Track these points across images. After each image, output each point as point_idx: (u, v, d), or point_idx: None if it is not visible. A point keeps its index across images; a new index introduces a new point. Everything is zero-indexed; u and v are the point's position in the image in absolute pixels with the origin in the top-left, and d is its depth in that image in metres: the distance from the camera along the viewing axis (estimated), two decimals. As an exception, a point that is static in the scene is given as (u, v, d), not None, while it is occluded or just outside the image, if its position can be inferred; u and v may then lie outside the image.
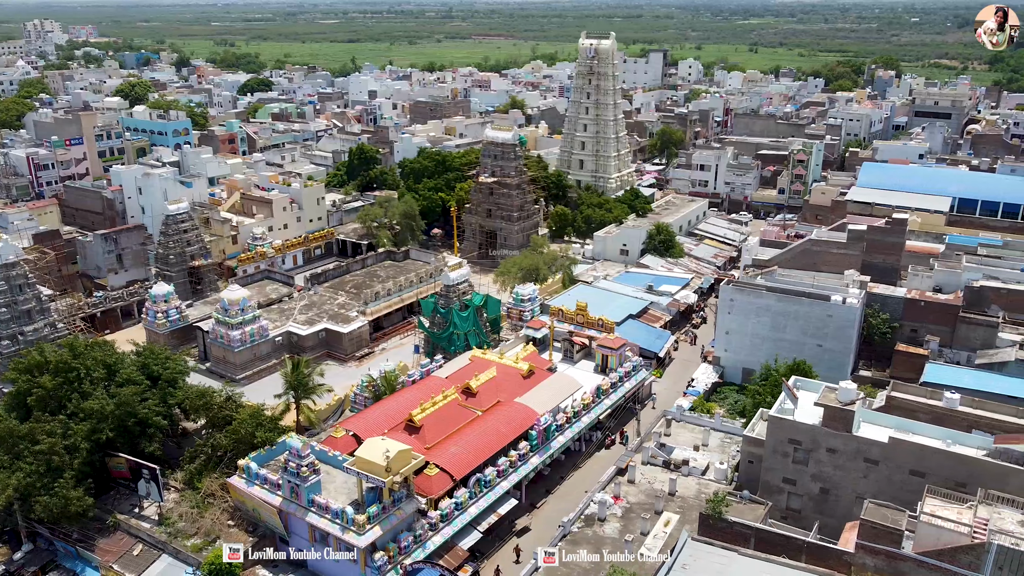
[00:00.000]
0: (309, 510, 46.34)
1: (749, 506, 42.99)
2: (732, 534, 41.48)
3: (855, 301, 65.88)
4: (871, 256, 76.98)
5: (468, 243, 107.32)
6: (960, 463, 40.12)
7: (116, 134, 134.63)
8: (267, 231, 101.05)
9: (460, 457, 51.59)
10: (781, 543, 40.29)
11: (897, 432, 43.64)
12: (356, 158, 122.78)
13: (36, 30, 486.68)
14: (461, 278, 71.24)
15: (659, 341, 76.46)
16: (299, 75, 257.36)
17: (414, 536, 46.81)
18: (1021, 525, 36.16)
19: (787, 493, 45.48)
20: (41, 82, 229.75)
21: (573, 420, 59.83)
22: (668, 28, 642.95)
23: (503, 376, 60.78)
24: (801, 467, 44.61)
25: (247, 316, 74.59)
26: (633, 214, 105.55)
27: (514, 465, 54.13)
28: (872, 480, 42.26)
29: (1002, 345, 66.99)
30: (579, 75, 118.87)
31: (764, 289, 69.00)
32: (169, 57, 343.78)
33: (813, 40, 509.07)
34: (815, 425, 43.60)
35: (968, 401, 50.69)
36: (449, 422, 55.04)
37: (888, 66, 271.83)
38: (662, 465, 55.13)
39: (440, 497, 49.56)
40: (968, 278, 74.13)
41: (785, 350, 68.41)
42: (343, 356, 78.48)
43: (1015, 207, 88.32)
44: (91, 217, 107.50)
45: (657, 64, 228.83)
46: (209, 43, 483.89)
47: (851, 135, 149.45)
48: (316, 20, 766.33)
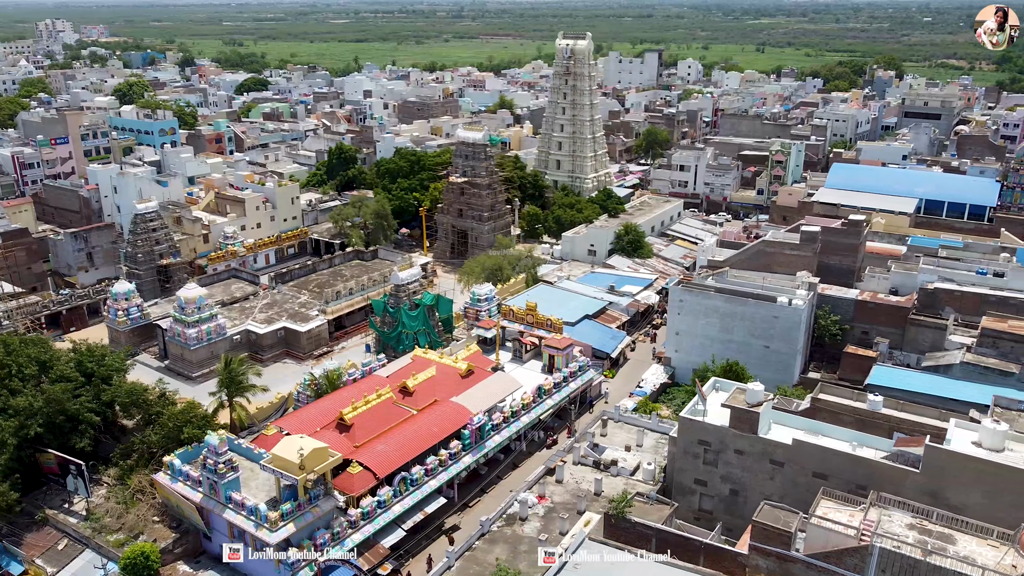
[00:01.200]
0: (227, 507, 46.86)
1: (655, 507, 43.05)
2: (635, 535, 41.61)
3: (801, 302, 65.67)
4: (828, 258, 76.76)
5: (440, 243, 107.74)
6: (860, 465, 40.06)
7: (102, 133, 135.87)
8: (239, 230, 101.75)
9: (385, 455, 51.94)
10: (681, 544, 40.38)
11: (806, 434, 43.61)
12: (335, 158, 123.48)
13: (48, 29, 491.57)
14: (411, 278, 71.64)
15: (613, 342, 76.51)
16: (298, 75, 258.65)
17: (332, 534, 47.16)
18: (909, 528, 36.08)
19: (699, 494, 45.54)
20: (42, 81, 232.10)
21: (511, 420, 60.05)
22: (678, 28, 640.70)
23: (442, 375, 61.10)
24: (711, 468, 44.67)
25: (203, 314, 75.18)
26: (605, 214, 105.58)
27: (444, 464, 54.40)
28: (778, 482, 42.27)
29: (951, 348, 66.69)
30: (556, 75, 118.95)
31: (712, 290, 68.91)
32: (174, 57, 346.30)
33: (822, 40, 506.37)
34: (723, 426, 43.64)
35: (893, 404, 50.60)
36: (381, 421, 55.41)
37: (890, 66, 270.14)
38: (592, 465, 55.23)
39: (362, 495, 49.93)
40: (923, 280, 73.90)
41: (733, 351, 68.47)
42: (301, 355, 79.00)
43: (981, 209, 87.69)
44: (69, 215, 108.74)
45: (652, 64, 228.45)
46: (218, 43, 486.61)
47: (837, 136, 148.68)
48: (327, 20, 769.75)
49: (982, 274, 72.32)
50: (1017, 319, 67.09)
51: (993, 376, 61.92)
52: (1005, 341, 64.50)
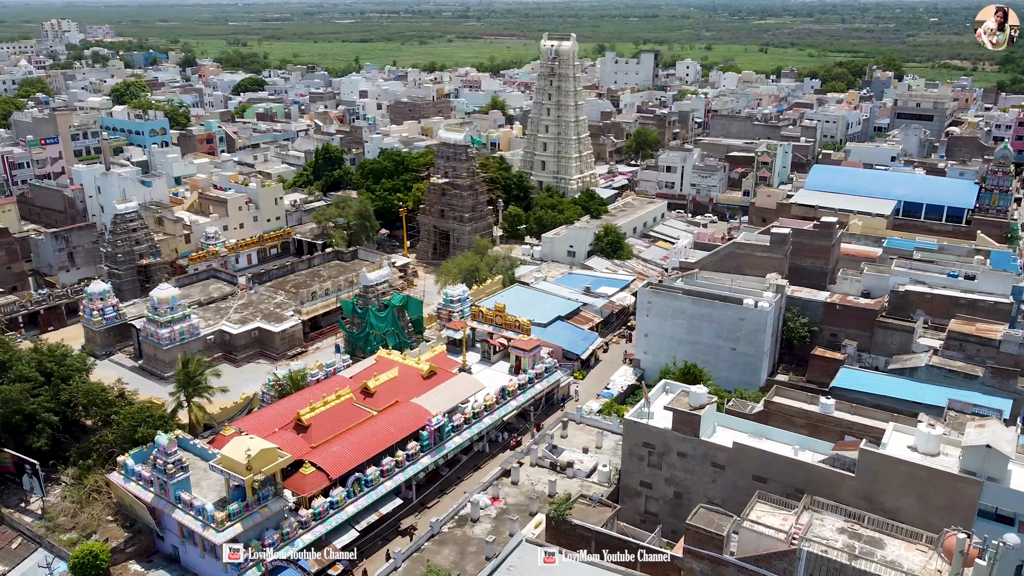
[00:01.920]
0: (176, 507, 47.12)
1: (598, 509, 43.11)
2: (576, 537, 41.70)
3: (767, 305, 65.59)
4: (801, 260, 76.66)
5: (423, 244, 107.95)
6: (798, 469, 40.02)
7: (93, 133, 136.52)
8: (222, 230, 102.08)
9: (339, 456, 52.10)
10: (619, 546, 40.41)
11: (750, 438, 43.60)
12: (321, 158, 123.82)
13: (53, 29, 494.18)
14: (380, 279, 71.84)
15: (584, 343, 76.55)
16: (296, 75, 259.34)
17: (281, 534, 47.34)
18: (840, 532, 36.03)
19: (644, 496, 45.56)
20: (42, 81, 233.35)
21: (472, 421, 60.16)
22: (683, 28, 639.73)
23: (404, 377, 61.25)
24: (656, 471, 44.69)
25: (176, 314, 75.41)
26: (587, 215, 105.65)
27: (401, 465, 54.54)
28: (720, 485, 42.25)
29: (919, 350, 66.53)
30: (541, 76, 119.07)
31: (680, 292, 68.89)
32: (176, 57, 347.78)
33: (826, 40, 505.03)
34: (666, 429, 43.65)
35: (846, 407, 50.55)
36: (339, 421, 55.57)
37: (889, 67, 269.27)
38: (549, 467, 55.28)
39: (314, 496, 50.12)
40: (895, 282, 73.74)
41: (701, 353, 68.50)
42: (275, 355, 79.16)
43: (959, 211, 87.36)
44: (54, 215, 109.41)
45: (648, 65, 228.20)
46: (222, 43, 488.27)
47: (827, 137, 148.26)
48: (332, 20, 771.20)
49: (953, 277, 72.08)
50: (985, 322, 66.92)
51: (958, 379, 61.73)
52: (972, 344, 64.35)
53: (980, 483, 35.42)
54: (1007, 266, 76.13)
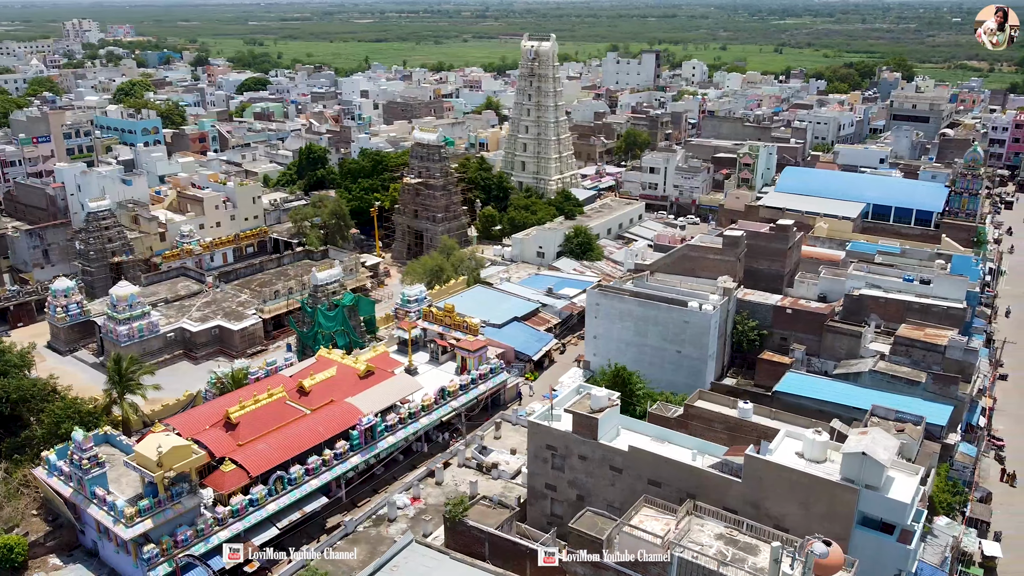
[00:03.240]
0: (92, 502, 47.74)
1: (497, 511, 43.15)
2: (472, 538, 41.79)
3: (711, 308, 65.17)
4: (757, 262, 76.04)
5: (398, 243, 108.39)
6: (689, 474, 39.77)
7: (85, 132, 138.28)
8: (198, 229, 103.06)
9: (261, 454, 52.49)
10: (509, 549, 40.47)
11: (652, 441, 43.42)
12: (305, 158, 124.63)
13: (74, 28, 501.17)
14: (330, 279, 72.24)
15: (537, 344, 76.52)
16: (302, 75, 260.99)
17: (195, 531, 47.83)
18: (717, 538, 35.82)
19: (550, 499, 45.49)
20: (51, 80, 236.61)
21: (409, 421, 60.37)
22: (700, 28, 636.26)
23: (341, 376, 61.58)
24: (559, 473, 44.60)
25: (135, 312, 76.47)
26: (561, 216, 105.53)
27: (328, 463, 54.86)
28: (618, 488, 42.10)
29: (867, 355, 65.84)
30: (521, 77, 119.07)
31: (626, 294, 68.66)
32: (191, 56, 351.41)
33: (844, 41, 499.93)
34: (567, 432, 43.57)
35: (765, 412, 50.16)
36: (269, 420, 55.97)
37: (899, 67, 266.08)
38: (476, 468, 55.39)
39: (233, 493, 50.55)
40: (851, 286, 72.99)
41: (648, 355, 68.38)
42: (234, 353, 79.85)
43: (928, 214, 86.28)
44: (37, 213, 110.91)
45: (650, 65, 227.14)
46: (239, 42, 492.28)
47: (819, 139, 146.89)
48: (351, 20, 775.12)
49: (909, 281, 71.15)
50: (935, 327, 66.07)
51: (901, 385, 61.06)
52: (918, 349, 63.60)
53: (857, 491, 35.03)
54: (968, 271, 75.06)
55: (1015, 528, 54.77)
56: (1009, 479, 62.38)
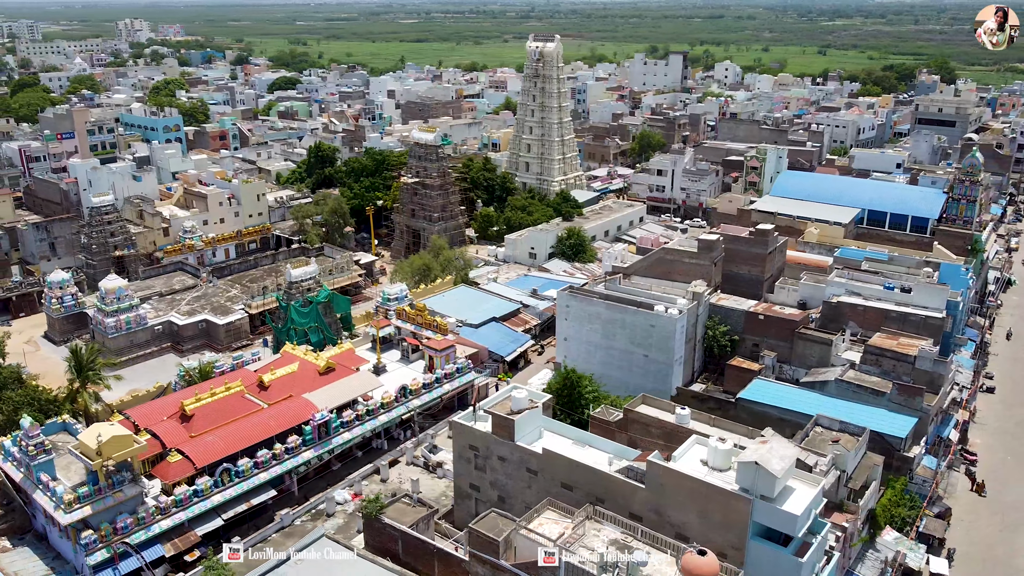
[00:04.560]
0: (37, 487, 49.19)
1: (416, 509, 43.42)
2: (387, 536, 42.15)
3: (676, 312, 64.52)
4: (736, 267, 75.07)
5: (397, 242, 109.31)
6: (598, 478, 39.50)
7: (108, 129, 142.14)
8: (201, 225, 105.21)
9: (209, 446, 53.45)
10: (419, 547, 40.72)
11: (573, 445, 43.23)
12: (313, 156, 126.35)
13: (127, 28, 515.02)
14: (304, 276, 73.24)
15: (512, 344, 76.58)
16: (335, 74, 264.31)
17: (136, 519, 48.97)
18: (611, 543, 35.54)
19: (474, 499, 45.58)
20: (92, 79, 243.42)
21: (367, 418, 60.93)
22: (745, 29, 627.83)
23: (302, 372, 62.34)
24: (482, 474, 44.67)
25: (123, 304, 78.56)
26: (559, 217, 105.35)
27: (278, 458, 55.68)
28: (535, 490, 41.98)
29: (838, 363, 64.61)
30: (526, 77, 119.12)
31: (595, 297, 68.35)
32: (232, 55, 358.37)
33: (893, 42, 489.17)
34: (487, 433, 43.63)
35: (706, 418, 49.60)
36: (224, 413, 56.95)
37: (941, 70, 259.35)
38: (422, 466, 55.73)
39: (178, 483, 51.64)
40: (831, 293, 71.66)
41: (616, 358, 68.06)
42: (220, 347, 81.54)
43: (924, 220, 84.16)
44: (52, 207, 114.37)
45: (677, 66, 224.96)
46: (283, 42, 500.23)
47: (837, 142, 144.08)
48: (396, 20, 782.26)
49: (889, 289, 69.56)
50: (910, 336, 64.54)
51: (866, 395, 59.84)
52: (888, 359, 62.19)
53: (751, 500, 34.45)
54: (956, 279, 73.12)
55: (971, 545, 53.26)
56: (978, 488, 60.70)
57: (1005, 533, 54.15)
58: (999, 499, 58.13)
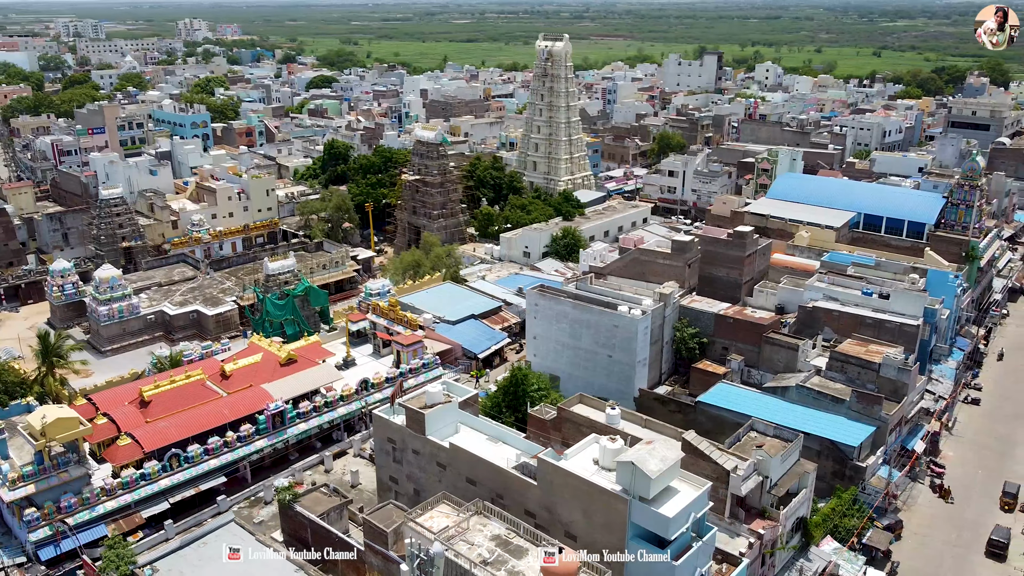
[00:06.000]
0: (-14, 466, 51.29)
1: (331, 499, 44.03)
2: (298, 524, 42.89)
3: (639, 313, 63.95)
4: (714, 269, 74.05)
5: (399, 238, 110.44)
6: (497, 475, 39.51)
7: (138, 124, 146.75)
8: (210, 218, 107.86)
9: (160, 431, 54.96)
10: (325, 536, 41.33)
11: (487, 441, 43.31)
12: (328, 153, 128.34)
13: (186, 27, 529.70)
14: (281, 269, 74.61)
15: (488, 342, 76.77)
16: (373, 73, 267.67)
17: (81, 499, 50.67)
18: (493, 539, 35.61)
19: (394, 492, 45.98)
20: (139, 76, 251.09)
21: (325, 409, 61.87)
22: (802, 30, 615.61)
23: (264, 363, 63.62)
24: (399, 466, 45.06)
25: (116, 293, 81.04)
26: (559, 217, 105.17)
27: (230, 445, 56.93)
28: (445, 484, 42.09)
29: (805, 369, 63.34)
30: (535, 77, 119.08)
31: (563, 296, 68.16)
32: (281, 55, 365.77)
33: (953, 44, 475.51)
34: (402, 426, 43.99)
35: (638, 419, 49.21)
36: (182, 400, 58.50)
37: (994, 72, 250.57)
38: (367, 458, 56.37)
39: (127, 466, 53.24)
40: (809, 297, 70.26)
41: (582, 358, 67.84)
42: (209, 337, 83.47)
43: (920, 226, 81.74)
44: (74, 199, 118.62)
45: (711, 67, 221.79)
46: (335, 41, 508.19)
47: (860, 144, 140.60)
48: (450, 20, 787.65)
49: (867, 295, 67.83)
50: (883, 344, 62.87)
51: (825, 402, 58.57)
52: (853, 366, 60.74)
53: (626, 501, 34.10)
54: (943, 287, 70.92)
55: (919, 560, 51.63)
56: (944, 494, 58.87)
57: (958, 550, 52.33)
58: (960, 515, 56.18)
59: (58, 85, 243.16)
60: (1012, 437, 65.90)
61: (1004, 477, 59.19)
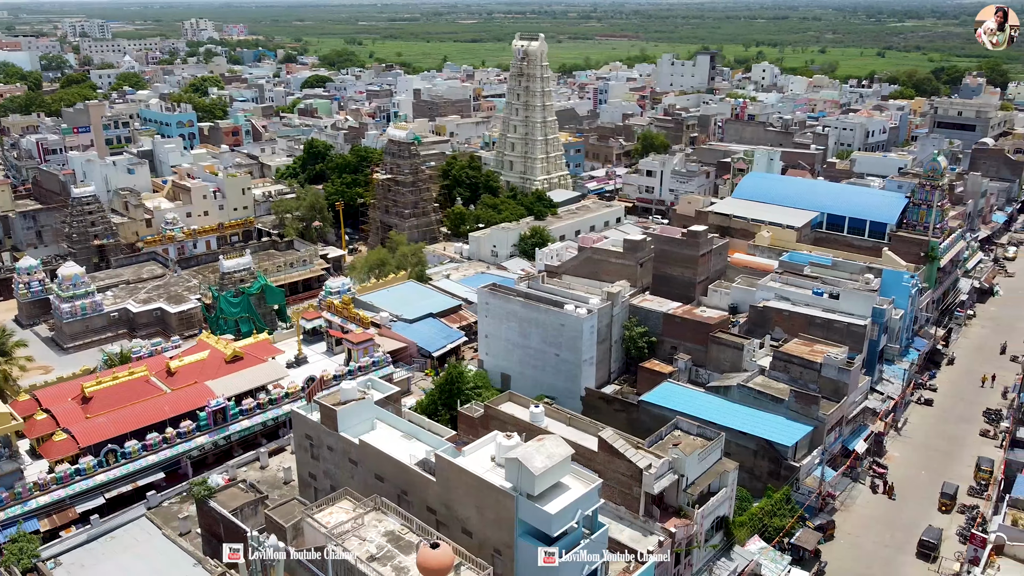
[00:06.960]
0: (-76, 459, 51.80)
1: (247, 495, 44.26)
2: (212, 519, 43.14)
3: (585, 312, 63.95)
4: (668, 268, 73.95)
5: (372, 237, 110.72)
6: (400, 471, 39.63)
7: (124, 124, 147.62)
8: (184, 217, 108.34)
9: (96, 427, 55.33)
10: (236, 530, 41.55)
11: (401, 438, 43.45)
12: (307, 152, 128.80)
13: (192, 27, 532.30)
14: (237, 267, 74.99)
15: (443, 341, 76.85)
16: (369, 73, 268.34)
17: (13, 493, 51.08)
18: (384, 535, 35.80)
19: (313, 488, 46.19)
20: (137, 76, 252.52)
21: (268, 407, 62.15)
22: (808, 30, 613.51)
23: (211, 360, 63.95)
24: (316, 463, 45.28)
25: (78, 291, 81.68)
26: (530, 216, 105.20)
27: (169, 441, 57.26)
28: (358, 480, 42.27)
29: (751, 368, 63.17)
30: (511, 76, 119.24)
31: (512, 295, 68.25)
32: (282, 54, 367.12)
33: (960, 44, 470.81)
34: (317, 423, 44.19)
35: (563, 416, 49.34)
36: (124, 397, 58.85)
37: (993, 72, 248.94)
38: (308, 456, 56.54)
39: (61, 461, 53.64)
40: (760, 297, 70.10)
41: (531, 357, 67.90)
42: (172, 334, 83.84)
43: (882, 226, 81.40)
44: (53, 197, 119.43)
45: (704, 67, 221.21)
46: (340, 41, 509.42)
47: (843, 145, 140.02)
48: (457, 20, 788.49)
49: (818, 295, 67.59)
50: (829, 344, 62.65)
51: (765, 402, 58.49)
52: (795, 366, 60.55)
53: (513, 497, 34.16)
54: (898, 287, 70.67)
55: (848, 561, 51.41)
56: (888, 491, 58.62)
57: (889, 551, 52.07)
58: (897, 516, 55.92)
59: (56, 85, 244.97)
60: (960, 438, 65.51)
61: (947, 478, 58.82)
